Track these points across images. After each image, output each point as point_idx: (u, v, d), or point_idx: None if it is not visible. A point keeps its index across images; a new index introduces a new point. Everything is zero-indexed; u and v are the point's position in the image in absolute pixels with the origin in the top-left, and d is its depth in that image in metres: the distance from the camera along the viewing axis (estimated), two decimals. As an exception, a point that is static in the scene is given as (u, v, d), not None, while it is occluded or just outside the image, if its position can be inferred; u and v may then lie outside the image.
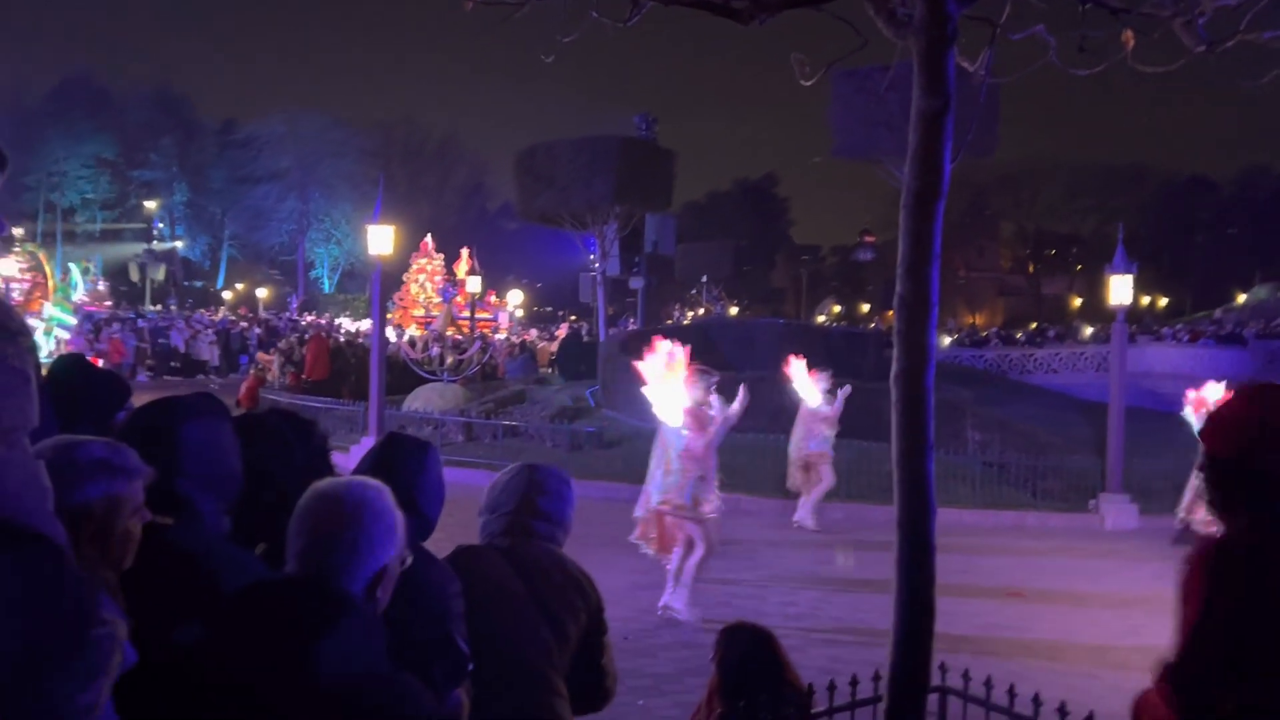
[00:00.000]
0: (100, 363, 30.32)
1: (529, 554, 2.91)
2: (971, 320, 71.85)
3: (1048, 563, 11.19)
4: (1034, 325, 58.07)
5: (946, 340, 44.20)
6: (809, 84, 3.85)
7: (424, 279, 38.30)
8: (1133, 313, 20.54)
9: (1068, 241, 76.57)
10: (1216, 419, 2.36)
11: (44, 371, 1.68)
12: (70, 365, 3.42)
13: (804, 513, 12.59)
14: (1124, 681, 2.69)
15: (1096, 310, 53.04)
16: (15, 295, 26.39)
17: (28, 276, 29.27)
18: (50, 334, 25.44)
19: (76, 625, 1.31)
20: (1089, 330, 49.12)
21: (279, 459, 2.80)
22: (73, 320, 28.36)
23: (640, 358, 8.32)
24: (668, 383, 8.33)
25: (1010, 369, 35.66)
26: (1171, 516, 11.14)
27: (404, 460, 2.72)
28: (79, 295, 32.58)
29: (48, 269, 30.66)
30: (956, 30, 2.96)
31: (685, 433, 8.30)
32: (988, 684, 3.20)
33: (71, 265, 22.57)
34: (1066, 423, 19.20)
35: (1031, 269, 78.43)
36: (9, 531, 1.31)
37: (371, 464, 2.72)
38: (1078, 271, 74.71)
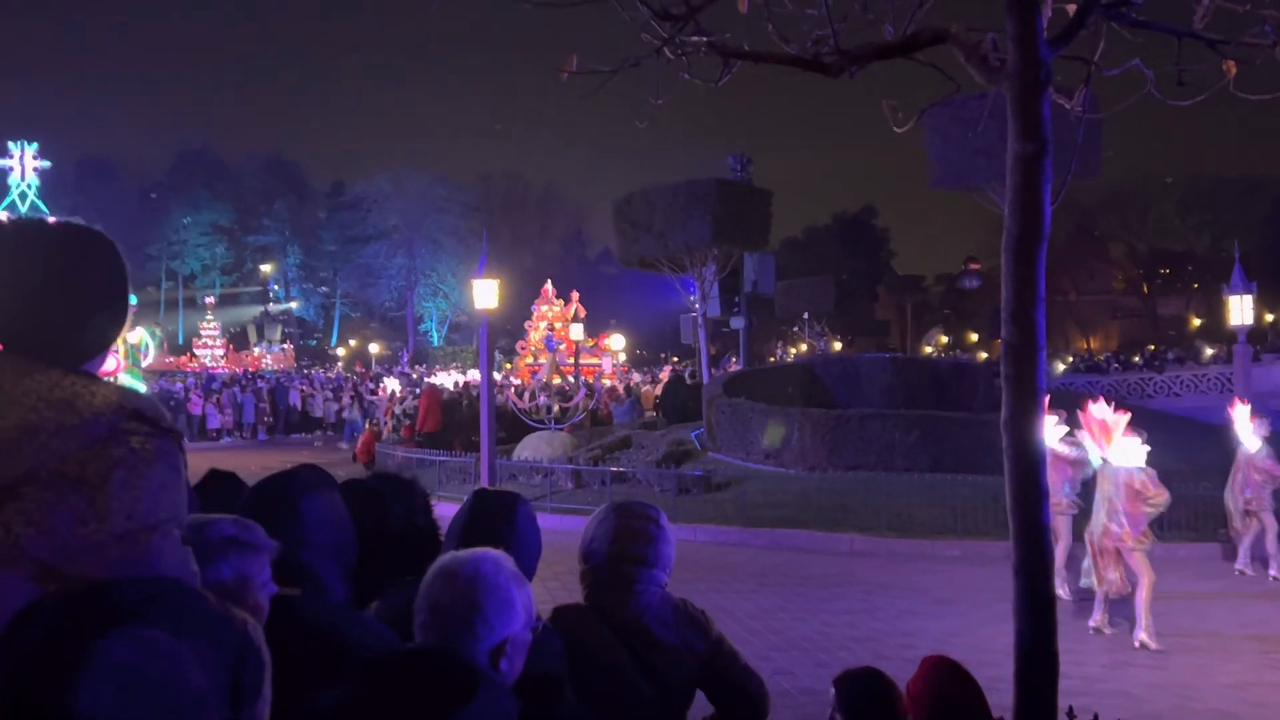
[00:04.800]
0: (218, 420, 31.55)
1: (625, 607, 2.85)
2: (1085, 345, 69.72)
3: (1178, 597, 10.74)
4: (1151, 347, 56.04)
5: (1060, 367, 42.95)
6: (902, 130, 3.86)
7: (544, 325, 38.87)
8: (1255, 330, 19.72)
9: (1182, 259, 73.74)
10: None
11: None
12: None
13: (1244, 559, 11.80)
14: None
15: (1217, 329, 50.94)
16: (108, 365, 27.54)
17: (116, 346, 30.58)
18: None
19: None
20: (1210, 351, 47.18)
21: (381, 521, 2.90)
22: (143, 386, 29.55)
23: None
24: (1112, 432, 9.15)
25: (1129, 394, 34.47)
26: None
27: (492, 517, 2.74)
28: (149, 360, 33.82)
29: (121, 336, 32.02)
30: (1050, 74, 2.94)
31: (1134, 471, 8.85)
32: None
33: (141, 330, 23.72)
34: (1191, 448, 18.42)
35: (1145, 289, 75.78)
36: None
37: (462, 523, 2.75)
38: (1194, 290, 71.94)
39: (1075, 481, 10.42)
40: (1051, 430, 10.68)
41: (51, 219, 1.77)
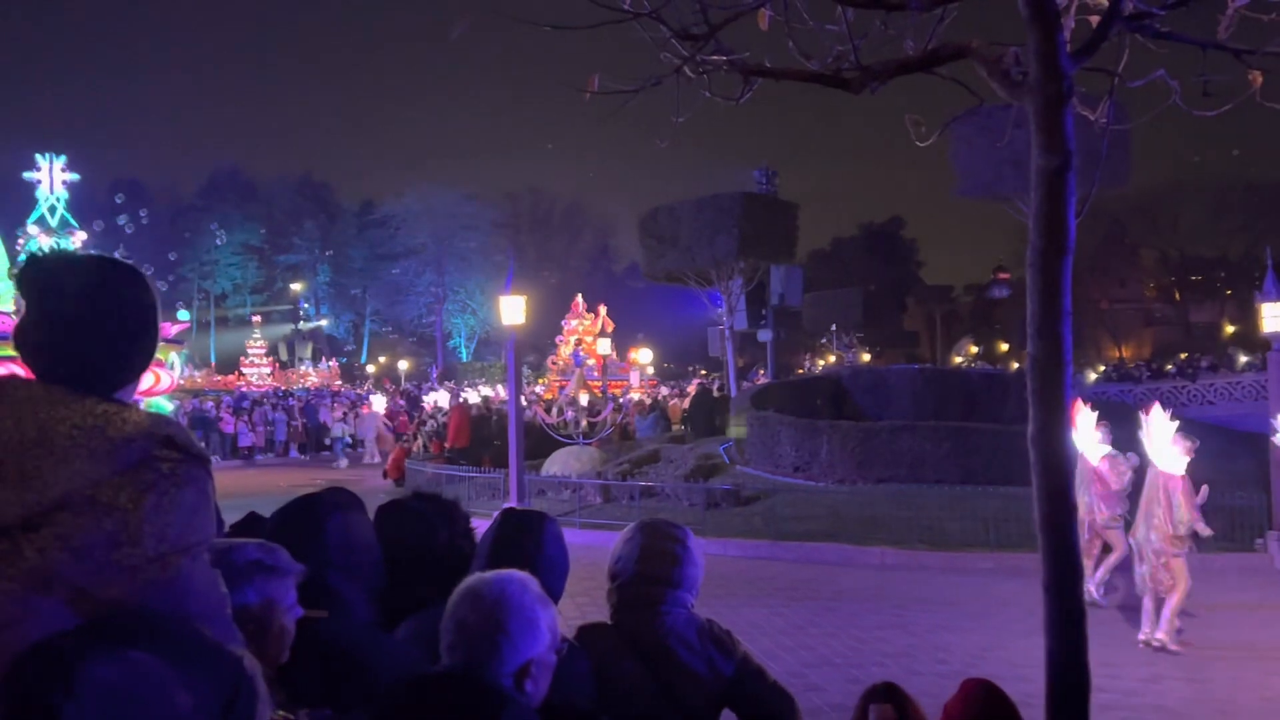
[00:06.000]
0: (250, 438, 31.83)
1: (649, 628, 2.84)
2: (1117, 353, 69.04)
3: (1217, 608, 10.59)
4: (1184, 355, 55.40)
5: (1092, 376, 42.56)
6: (925, 145, 3.86)
7: (574, 340, 38.90)
8: (1292, 337, 19.37)
9: (1214, 266, 72.83)
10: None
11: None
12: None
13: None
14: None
15: (1251, 337, 50.30)
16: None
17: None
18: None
19: None
20: (1244, 359, 46.60)
21: (425, 542, 2.91)
22: (169, 406, 29.80)
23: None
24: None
25: (1162, 403, 34.03)
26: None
27: (520, 537, 2.73)
28: (173, 379, 34.01)
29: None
30: (1072, 87, 2.93)
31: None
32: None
33: (173, 353, 24.03)
34: (1227, 456, 18.17)
35: (1178, 296, 74.95)
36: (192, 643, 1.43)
37: (489, 542, 2.75)
38: (1227, 296, 71.07)
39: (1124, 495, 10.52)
40: (1095, 448, 10.68)
41: (83, 252, 1.82)
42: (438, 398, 33.32)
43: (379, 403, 32.45)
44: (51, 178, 24.99)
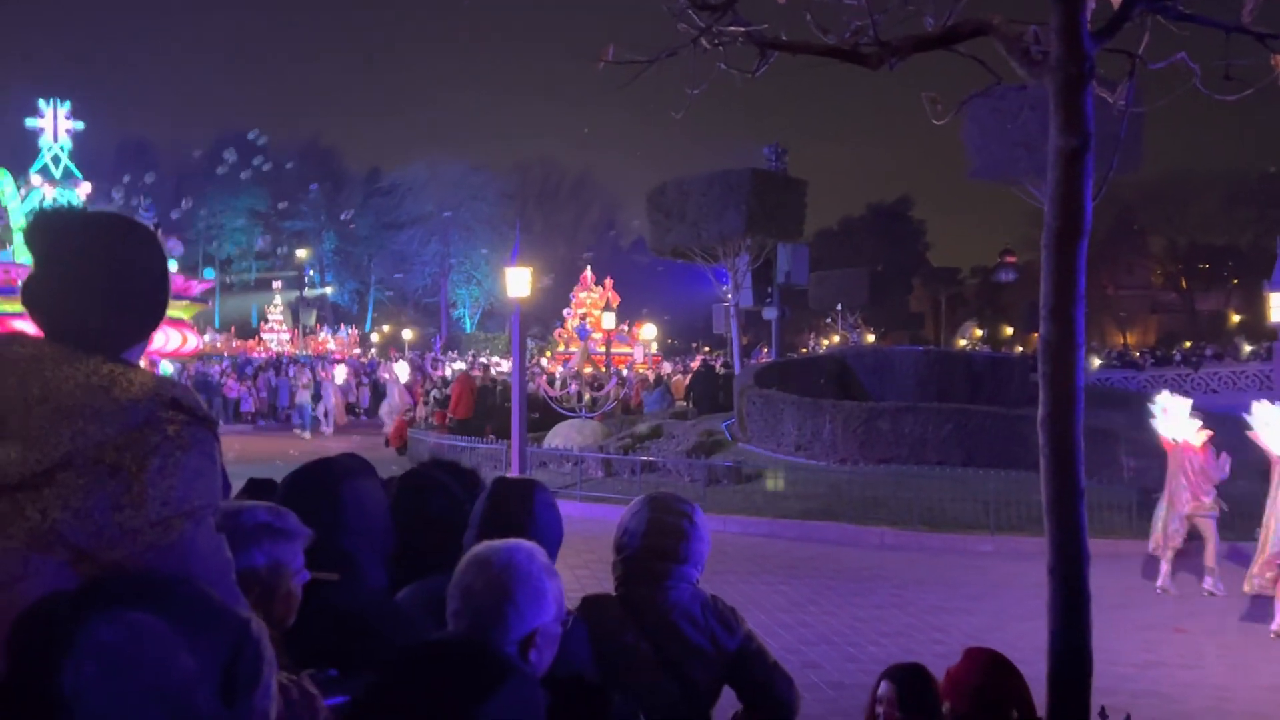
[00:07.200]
0: (252, 403, 31.77)
1: (654, 602, 2.85)
2: (1122, 340, 68.93)
3: (1214, 595, 10.61)
4: (1189, 344, 55.27)
5: (1096, 362, 42.47)
6: (941, 122, 3.82)
7: (583, 312, 38.85)
8: (1298, 328, 19.30)
9: (1223, 254, 72.53)
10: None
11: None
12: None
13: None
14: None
15: (1257, 326, 50.13)
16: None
17: None
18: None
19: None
20: (1249, 348, 46.48)
21: (447, 512, 2.91)
22: (171, 368, 29.62)
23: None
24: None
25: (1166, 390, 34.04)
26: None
27: (510, 504, 2.73)
28: (200, 341, 33.91)
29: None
30: (1093, 67, 2.90)
31: None
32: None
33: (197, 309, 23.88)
34: (1229, 446, 18.16)
35: (1184, 284, 74.74)
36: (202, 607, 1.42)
37: (481, 511, 2.75)
38: (1234, 286, 70.84)
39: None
40: (1196, 435, 10.64)
41: (92, 209, 1.80)
42: (452, 369, 33.08)
43: (403, 370, 32.15)
44: (55, 125, 24.40)
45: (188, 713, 1.29)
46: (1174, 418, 9.90)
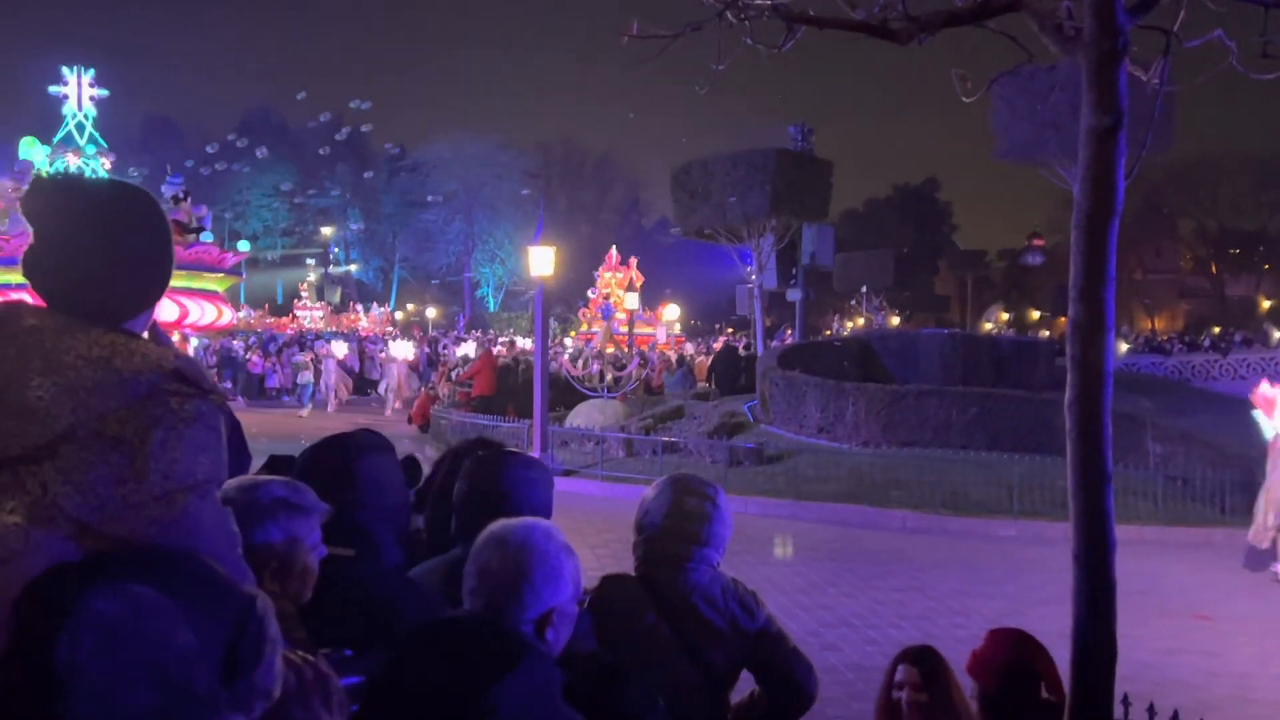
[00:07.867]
0: (276, 379, 31.89)
1: (674, 584, 2.83)
2: (1150, 325, 68.30)
3: (1239, 583, 10.51)
4: (1217, 329, 54.71)
5: (1124, 347, 42.12)
6: (971, 100, 3.76)
7: (607, 291, 38.74)
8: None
9: (1253, 239, 71.59)
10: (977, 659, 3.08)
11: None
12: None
13: None
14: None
15: (1289, 312, 49.59)
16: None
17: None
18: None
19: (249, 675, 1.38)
20: (1278, 334, 45.98)
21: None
22: (193, 343, 29.57)
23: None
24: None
25: (1194, 376, 33.71)
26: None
27: (486, 480, 2.78)
28: (235, 315, 34.08)
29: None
30: (1128, 44, 2.83)
31: None
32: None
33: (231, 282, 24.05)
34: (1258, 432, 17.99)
35: (1214, 269, 73.84)
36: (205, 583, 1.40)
37: (461, 485, 2.81)
38: (1265, 271, 69.97)
39: None
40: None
41: (90, 175, 1.77)
42: (467, 350, 33.15)
43: (404, 349, 32.30)
44: (80, 93, 24.23)
45: (185, 688, 1.27)
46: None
